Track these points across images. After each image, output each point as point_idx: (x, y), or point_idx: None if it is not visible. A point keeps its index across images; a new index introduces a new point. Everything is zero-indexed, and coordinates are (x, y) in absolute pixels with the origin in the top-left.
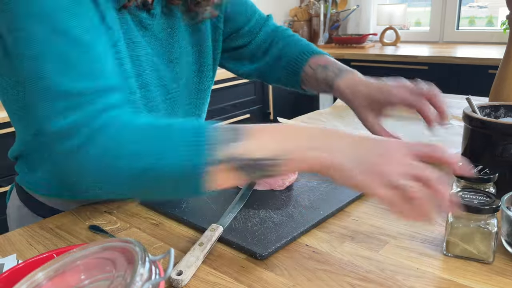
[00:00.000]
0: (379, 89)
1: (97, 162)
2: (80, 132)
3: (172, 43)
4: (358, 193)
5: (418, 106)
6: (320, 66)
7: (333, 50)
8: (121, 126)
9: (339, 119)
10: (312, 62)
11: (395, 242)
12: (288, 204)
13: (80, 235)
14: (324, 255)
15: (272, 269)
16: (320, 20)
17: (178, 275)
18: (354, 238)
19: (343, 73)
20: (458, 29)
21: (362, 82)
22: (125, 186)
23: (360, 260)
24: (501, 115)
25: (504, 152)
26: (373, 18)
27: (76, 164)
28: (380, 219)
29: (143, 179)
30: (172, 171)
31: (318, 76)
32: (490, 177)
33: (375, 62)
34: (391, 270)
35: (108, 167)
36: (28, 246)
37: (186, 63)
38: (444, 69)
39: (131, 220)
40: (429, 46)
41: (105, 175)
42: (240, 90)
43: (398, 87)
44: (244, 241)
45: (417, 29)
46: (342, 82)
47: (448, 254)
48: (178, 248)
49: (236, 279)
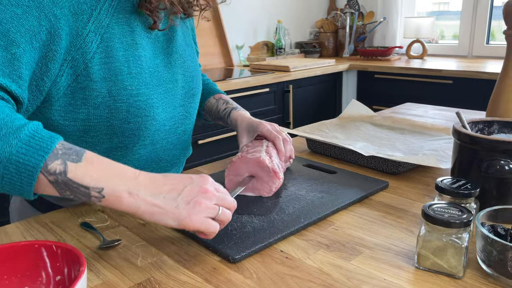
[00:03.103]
0: (252, 124)
1: None
2: None
3: (171, 46)
4: (344, 203)
5: (275, 141)
6: (221, 99)
7: (358, 62)
8: None
9: (341, 130)
10: (216, 96)
11: (369, 253)
12: (272, 211)
13: (71, 231)
14: (295, 262)
15: (242, 272)
16: (346, 32)
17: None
18: (329, 247)
19: (238, 108)
20: (488, 43)
21: (247, 117)
22: None
23: (330, 268)
24: (494, 131)
25: (489, 168)
26: (400, 31)
27: None
28: (359, 229)
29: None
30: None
31: (220, 107)
32: (470, 192)
33: (399, 75)
34: (358, 280)
35: None
36: (21, 238)
37: (181, 66)
38: (469, 84)
39: (121, 219)
40: (458, 60)
41: None
42: (260, 99)
43: (262, 126)
44: (220, 244)
45: (445, 42)
46: (237, 113)
47: (420, 267)
48: (157, 248)
49: (205, 279)
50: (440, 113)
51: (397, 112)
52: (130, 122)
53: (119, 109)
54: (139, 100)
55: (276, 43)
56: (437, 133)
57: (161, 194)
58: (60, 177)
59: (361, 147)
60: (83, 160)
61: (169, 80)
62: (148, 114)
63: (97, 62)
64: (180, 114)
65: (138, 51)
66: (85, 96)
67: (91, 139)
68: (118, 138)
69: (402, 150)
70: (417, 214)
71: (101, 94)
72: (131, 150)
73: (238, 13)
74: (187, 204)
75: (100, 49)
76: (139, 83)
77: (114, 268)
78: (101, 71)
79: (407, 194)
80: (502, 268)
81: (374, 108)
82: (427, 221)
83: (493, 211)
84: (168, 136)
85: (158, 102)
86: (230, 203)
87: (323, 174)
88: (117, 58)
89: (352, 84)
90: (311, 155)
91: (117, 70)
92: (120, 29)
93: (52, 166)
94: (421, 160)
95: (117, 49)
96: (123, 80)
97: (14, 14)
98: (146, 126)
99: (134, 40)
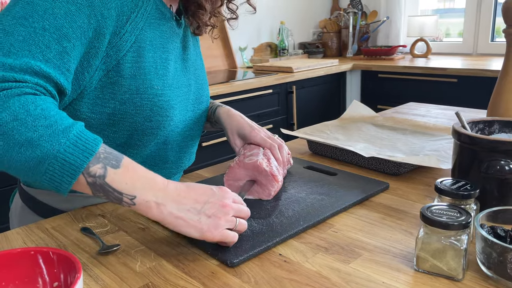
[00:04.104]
0: (244, 131)
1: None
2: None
3: (186, 53)
4: (344, 205)
5: (272, 151)
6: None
7: (362, 62)
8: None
9: (342, 131)
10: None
11: (368, 255)
12: (271, 214)
13: (71, 236)
14: (294, 265)
15: (240, 276)
16: (349, 32)
17: None
18: (328, 250)
19: (224, 106)
20: (493, 40)
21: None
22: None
23: (329, 271)
24: (495, 131)
25: (489, 168)
26: (404, 29)
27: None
28: (359, 231)
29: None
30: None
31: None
32: (470, 193)
33: (403, 74)
34: (357, 283)
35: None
36: (22, 244)
37: (194, 73)
38: (474, 82)
39: (121, 223)
40: (462, 58)
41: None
42: (264, 100)
43: (255, 134)
44: (219, 248)
45: (450, 40)
46: (222, 109)
47: (419, 269)
48: (156, 253)
49: (203, 284)
50: (442, 112)
51: (400, 112)
52: (152, 121)
53: (144, 106)
54: (163, 100)
55: (279, 44)
56: (439, 133)
57: (185, 207)
58: (98, 180)
59: (362, 148)
60: (121, 166)
61: (184, 84)
62: (168, 114)
63: (129, 60)
64: (190, 118)
65: (165, 54)
66: (114, 91)
67: (112, 133)
68: (138, 135)
69: (403, 150)
70: (418, 215)
71: (129, 90)
72: (146, 148)
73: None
74: (209, 218)
75: (133, 49)
76: (164, 84)
77: (113, 273)
78: (132, 68)
79: (407, 195)
80: (501, 270)
81: (379, 108)
82: (425, 223)
83: (492, 212)
84: (178, 138)
85: (176, 103)
86: (246, 212)
87: (323, 176)
88: (147, 59)
89: (356, 84)
90: (312, 156)
91: (146, 69)
92: (151, 32)
93: (93, 169)
94: (422, 160)
95: (147, 50)
96: (151, 79)
97: (69, 10)
98: (164, 125)
99: (162, 44)
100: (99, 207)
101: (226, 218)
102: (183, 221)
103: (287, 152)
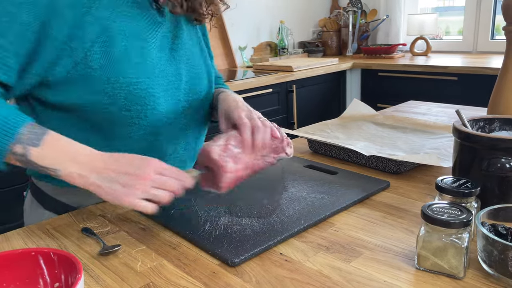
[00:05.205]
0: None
1: None
2: None
3: (177, 43)
4: (344, 204)
5: (240, 128)
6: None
7: (362, 60)
8: None
9: (343, 130)
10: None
11: (369, 254)
12: (272, 213)
13: (72, 237)
14: (295, 264)
15: (241, 275)
16: (349, 31)
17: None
18: (329, 249)
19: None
20: (493, 38)
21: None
22: None
23: (330, 270)
24: (495, 129)
25: (490, 166)
26: (403, 28)
27: None
28: (360, 230)
29: None
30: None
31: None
32: (471, 191)
33: (403, 72)
34: (358, 282)
35: None
36: (23, 245)
37: (186, 63)
38: (474, 80)
39: (121, 224)
40: (462, 56)
41: None
42: (264, 100)
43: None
44: (220, 248)
45: (449, 38)
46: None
47: (420, 268)
48: (157, 253)
49: (204, 284)
50: (443, 110)
51: (400, 110)
52: (131, 110)
53: (117, 96)
54: (139, 88)
55: (279, 43)
56: (440, 131)
57: (104, 176)
58: (23, 158)
59: (362, 147)
60: (42, 144)
61: (171, 74)
62: (148, 103)
63: (97, 51)
64: (184, 109)
65: (141, 42)
66: (85, 83)
67: (91, 125)
68: (119, 126)
69: (403, 149)
70: (418, 213)
71: (100, 80)
72: (133, 140)
73: (241, 14)
74: (123, 187)
75: (101, 39)
76: (139, 72)
77: (114, 273)
78: (101, 59)
79: (408, 193)
80: (503, 268)
81: (379, 106)
82: (426, 221)
83: (493, 210)
84: (171, 129)
85: (159, 92)
86: (170, 185)
87: (324, 175)
88: (117, 48)
89: (356, 82)
90: (313, 155)
91: (117, 59)
92: (123, 22)
93: (16, 150)
94: (422, 159)
95: (118, 40)
96: (123, 68)
97: (4, 9)
98: (146, 115)
99: (138, 33)
100: (99, 207)
101: (143, 189)
102: (102, 190)
103: (274, 135)
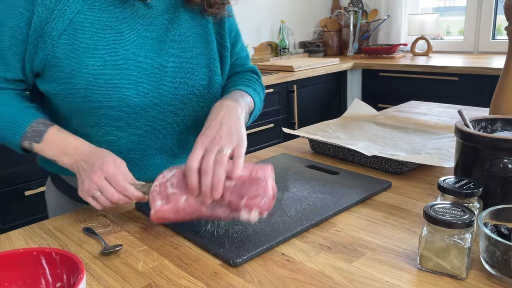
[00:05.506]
0: (203, 127)
1: None
2: None
3: (168, 35)
4: (346, 204)
5: (186, 169)
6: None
7: (363, 60)
8: None
9: (344, 130)
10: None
11: (371, 254)
12: (274, 213)
13: (73, 237)
14: (297, 264)
15: (243, 275)
16: (350, 31)
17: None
18: (331, 249)
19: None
20: (494, 38)
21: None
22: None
23: (332, 271)
24: (497, 129)
25: (492, 166)
26: (404, 28)
27: None
28: (361, 230)
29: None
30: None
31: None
32: (473, 191)
33: (404, 72)
34: (360, 282)
35: None
36: (24, 245)
37: (176, 56)
38: (475, 80)
39: (123, 223)
40: (463, 56)
41: None
42: (265, 99)
43: (200, 138)
44: (222, 248)
45: (450, 38)
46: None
47: (422, 268)
48: (159, 252)
49: (206, 284)
50: (444, 110)
51: (401, 110)
52: (92, 101)
53: (78, 86)
54: (100, 79)
55: (280, 43)
56: (441, 131)
57: (78, 168)
58: (31, 149)
59: (363, 147)
60: (42, 141)
61: (154, 66)
62: (112, 94)
63: (63, 43)
64: (171, 103)
65: (113, 35)
66: (53, 73)
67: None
68: (89, 116)
69: (405, 149)
70: (420, 214)
71: (64, 71)
72: (104, 130)
73: (242, 14)
74: (82, 182)
75: (68, 31)
76: (105, 63)
77: (115, 273)
78: (66, 50)
79: (410, 194)
80: (505, 269)
81: (380, 106)
82: (428, 222)
83: (496, 211)
84: (155, 123)
85: (129, 84)
86: (110, 194)
87: (325, 175)
88: (83, 40)
89: (356, 82)
90: (314, 156)
91: (81, 50)
92: (94, 14)
93: (24, 144)
94: (424, 159)
95: (85, 32)
96: (86, 59)
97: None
98: (112, 106)
99: (110, 25)
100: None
101: (88, 188)
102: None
103: (231, 178)
